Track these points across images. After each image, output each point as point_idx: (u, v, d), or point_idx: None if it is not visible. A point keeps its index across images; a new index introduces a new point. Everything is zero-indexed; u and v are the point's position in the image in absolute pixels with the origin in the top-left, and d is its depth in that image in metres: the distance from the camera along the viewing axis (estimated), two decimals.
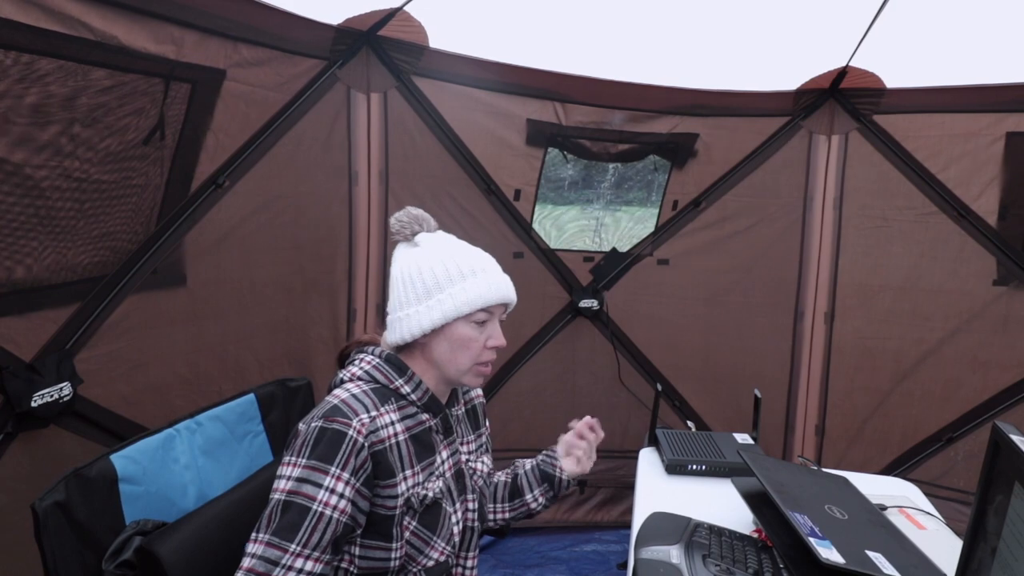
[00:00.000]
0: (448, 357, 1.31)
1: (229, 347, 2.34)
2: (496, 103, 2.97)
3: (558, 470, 1.59)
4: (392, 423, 1.25)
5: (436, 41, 2.73)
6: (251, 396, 1.55)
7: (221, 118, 2.14)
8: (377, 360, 1.32)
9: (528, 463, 1.63)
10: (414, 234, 1.36)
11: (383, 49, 2.73)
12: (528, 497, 1.59)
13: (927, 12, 2.51)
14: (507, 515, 1.59)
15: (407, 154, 2.88)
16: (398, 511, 1.23)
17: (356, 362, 1.33)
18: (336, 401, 1.22)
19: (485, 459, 1.50)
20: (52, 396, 1.72)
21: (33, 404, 1.68)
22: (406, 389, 1.30)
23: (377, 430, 1.21)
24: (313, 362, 2.76)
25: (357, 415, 1.20)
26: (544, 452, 1.64)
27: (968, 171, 2.93)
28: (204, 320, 2.23)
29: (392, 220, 1.37)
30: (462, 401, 1.48)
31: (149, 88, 1.87)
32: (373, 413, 1.22)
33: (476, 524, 1.42)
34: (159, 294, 2.08)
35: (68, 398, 1.76)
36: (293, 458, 1.17)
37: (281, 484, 1.16)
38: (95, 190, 1.79)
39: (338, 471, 1.16)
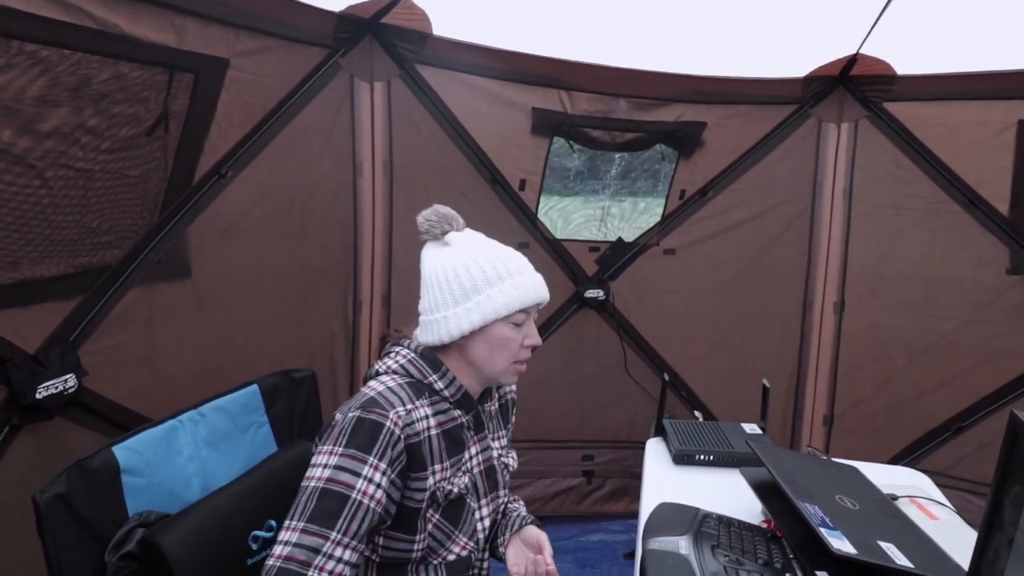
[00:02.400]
0: (486, 357, 1.31)
1: (237, 339, 2.33)
2: (501, 91, 2.94)
3: (502, 540, 1.44)
4: (426, 417, 1.26)
5: (439, 29, 2.70)
6: (255, 387, 1.54)
7: (225, 108, 2.13)
8: (412, 355, 1.32)
9: (513, 513, 1.51)
10: (444, 233, 1.34)
11: (386, 37, 2.71)
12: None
13: None
14: None
15: (411, 143, 2.86)
16: (424, 505, 1.24)
17: (392, 355, 1.33)
18: (373, 393, 1.22)
19: (513, 454, 1.50)
20: (57, 388, 1.72)
21: (38, 396, 1.67)
22: (439, 385, 1.30)
23: (413, 423, 1.22)
24: (323, 354, 2.75)
25: (394, 407, 1.20)
26: (524, 520, 1.48)
27: (980, 159, 2.89)
28: (211, 312, 2.23)
29: (420, 219, 1.34)
30: (496, 397, 1.48)
31: (152, 78, 1.86)
32: (409, 406, 1.23)
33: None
34: (164, 286, 2.07)
35: (73, 390, 1.76)
36: (330, 446, 1.17)
37: (317, 472, 1.15)
38: (99, 180, 1.78)
39: (376, 460, 1.16)
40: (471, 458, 1.34)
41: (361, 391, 1.25)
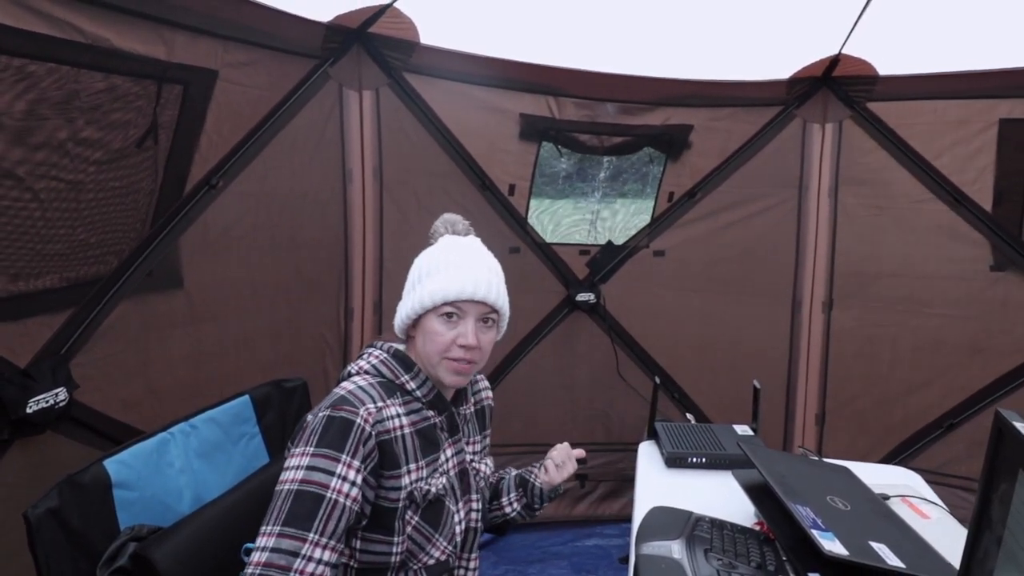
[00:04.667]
0: (422, 350, 1.32)
1: (229, 349, 2.33)
2: (489, 98, 2.95)
3: (533, 476, 1.60)
4: (398, 415, 1.25)
5: (427, 37, 2.71)
6: (246, 398, 1.54)
7: (214, 118, 2.13)
8: (384, 355, 1.33)
9: (513, 470, 1.65)
10: (440, 236, 1.40)
11: (374, 46, 2.71)
12: (504, 500, 1.60)
13: None
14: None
15: (401, 151, 2.87)
16: (401, 504, 1.23)
17: (364, 356, 1.34)
18: (343, 392, 1.22)
19: (488, 461, 1.50)
20: (48, 402, 1.71)
21: (29, 410, 1.66)
22: (411, 385, 1.31)
23: (383, 420, 1.22)
24: (315, 363, 2.74)
25: (363, 404, 1.20)
26: (530, 465, 1.65)
27: (962, 158, 2.92)
28: (203, 323, 2.22)
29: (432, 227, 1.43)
30: (471, 401, 1.48)
31: (142, 90, 1.86)
32: (379, 404, 1.23)
33: (479, 525, 1.42)
34: (156, 297, 2.07)
35: (64, 403, 1.75)
36: (302, 447, 1.16)
37: (290, 474, 1.14)
38: (89, 192, 1.78)
39: (348, 458, 1.15)
40: (447, 460, 1.34)
41: (332, 392, 1.25)
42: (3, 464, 1.66)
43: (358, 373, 1.30)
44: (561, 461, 1.57)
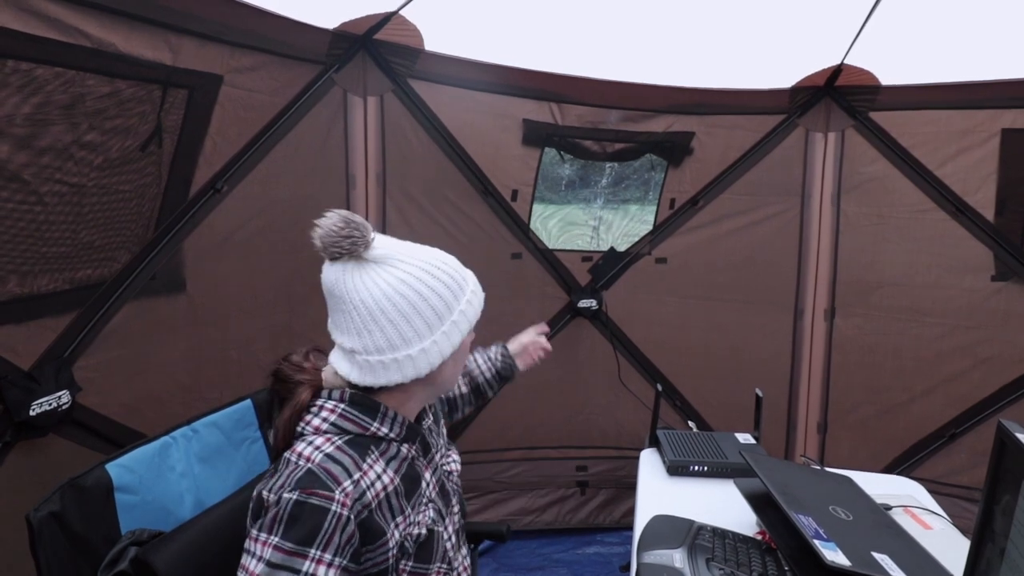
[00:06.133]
0: (452, 371, 1.21)
1: (231, 353, 2.32)
2: (492, 104, 2.96)
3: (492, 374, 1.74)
4: (378, 477, 1.10)
5: (432, 44, 2.72)
6: (248, 402, 1.54)
7: (219, 123, 2.14)
8: (341, 407, 1.14)
9: (481, 363, 1.74)
10: (367, 247, 1.15)
11: (379, 53, 2.72)
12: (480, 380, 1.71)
13: (921, 9, 2.50)
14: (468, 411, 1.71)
15: (404, 157, 2.88)
16: (391, 560, 1.10)
17: (316, 412, 1.14)
18: (311, 466, 1.04)
19: (453, 455, 1.37)
20: (51, 405, 1.71)
21: (32, 413, 1.66)
22: (384, 431, 1.15)
23: (363, 494, 1.06)
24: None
25: (339, 483, 1.03)
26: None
27: (965, 167, 2.92)
28: (205, 327, 2.22)
29: (327, 233, 1.16)
30: (428, 408, 1.35)
31: (147, 95, 1.87)
32: (356, 475, 1.06)
33: (463, 520, 1.34)
34: (158, 300, 2.07)
35: (67, 406, 1.75)
36: (264, 535, 1.00)
37: (251, 566, 0.99)
38: (94, 195, 1.78)
39: (319, 553, 0.99)
40: (427, 485, 1.22)
41: (290, 461, 1.06)
42: (5, 467, 1.66)
43: (316, 433, 1.10)
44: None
